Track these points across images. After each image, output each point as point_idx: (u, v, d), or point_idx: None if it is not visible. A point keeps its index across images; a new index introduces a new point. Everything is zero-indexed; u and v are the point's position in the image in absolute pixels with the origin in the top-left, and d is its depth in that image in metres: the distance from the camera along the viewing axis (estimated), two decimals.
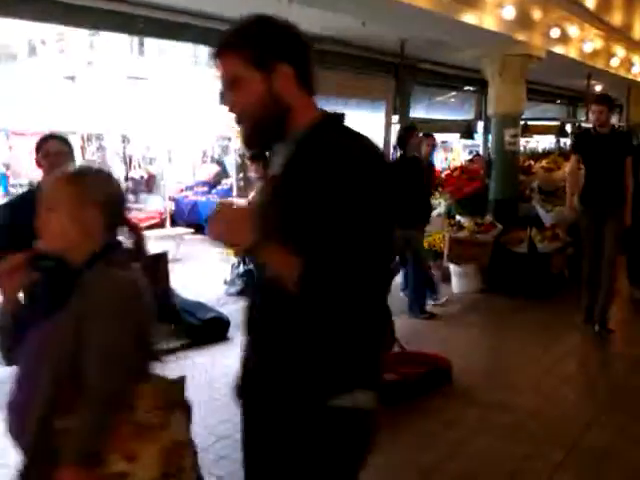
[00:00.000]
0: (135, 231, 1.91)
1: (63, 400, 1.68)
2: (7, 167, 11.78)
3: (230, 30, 1.61)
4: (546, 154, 10.90)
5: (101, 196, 1.80)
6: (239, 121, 1.61)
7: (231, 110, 1.61)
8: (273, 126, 1.59)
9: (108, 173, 1.94)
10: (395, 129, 9.68)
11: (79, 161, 6.94)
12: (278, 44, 1.57)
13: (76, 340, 1.68)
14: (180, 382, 1.78)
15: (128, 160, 13.75)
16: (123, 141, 13.31)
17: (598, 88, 12.68)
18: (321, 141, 1.55)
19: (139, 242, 1.91)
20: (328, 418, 1.56)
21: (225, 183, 13.50)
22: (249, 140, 1.65)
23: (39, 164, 3.27)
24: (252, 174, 6.93)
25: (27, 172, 10.21)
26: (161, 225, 11.41)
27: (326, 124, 1.61)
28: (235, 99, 1.59)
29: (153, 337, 1.81)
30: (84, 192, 1.78)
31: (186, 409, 1.75)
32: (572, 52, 9.27)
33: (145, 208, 12.39)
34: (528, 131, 12.72)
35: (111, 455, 1.58)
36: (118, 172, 12.10)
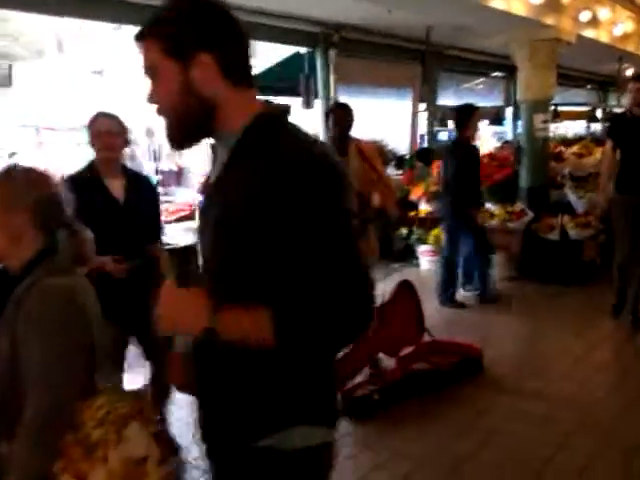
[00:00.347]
0: (75, 234, 1.77)
1: (8, 422, 1.56)
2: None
3: (152, 13, 1.42)
4: (577, 140, 10.71)
5: (30, 199, 1.67)
6: (160, 114, 1.46)
7: (150, 102, 1.44)
8: (194, 123, 1.42)
9: (40, 172, 1.78)
10: (423, 117, 9.61)
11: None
12: (198, 30, 1.36)
13: (12, 356, 1.57)
14: (142, 392, 1.62)
15: (158, 153, 13.84)
16: (152, 134, 13.39)
17: (629, 72, 12.43)
18: (261, 146, 1.37)
19: (80, 245, 1.78)
20: (257, 459, 1.43)
21: None
22: (171, 137, 1.46)
23: (92, 144, 3.23)
24: None
25: (56, 167, 10.33)
26: (191, 217, 11.50)
27: (264, 123, 1.41)
28: (154, 90, 1.42)
29: (98, 346, 1.68)
30: (9, 196, 1.66)
31: (148, 420, 1.54)
32: (603, 36, 9.09)
33: (175, 201, 12.48)
34: (558, 117, 12.53)
35: (62, 476, 1.44)
36: (148, 165, 12.21)
